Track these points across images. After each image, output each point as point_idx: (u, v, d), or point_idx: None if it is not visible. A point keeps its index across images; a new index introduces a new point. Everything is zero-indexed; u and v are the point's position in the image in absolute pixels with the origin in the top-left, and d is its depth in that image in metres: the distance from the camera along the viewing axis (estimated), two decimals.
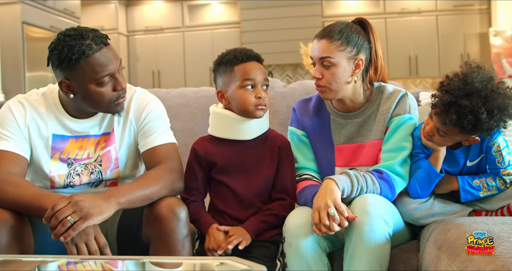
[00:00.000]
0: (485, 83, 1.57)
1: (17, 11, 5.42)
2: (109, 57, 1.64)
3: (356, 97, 1.83)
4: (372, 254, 1.53)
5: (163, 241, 1.58)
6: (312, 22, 7.54)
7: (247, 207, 1.80)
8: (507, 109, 1.56)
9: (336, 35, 1.74)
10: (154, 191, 1.62)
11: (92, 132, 1.78)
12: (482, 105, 1.54)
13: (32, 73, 5.56)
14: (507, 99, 1.57)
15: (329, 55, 1.74)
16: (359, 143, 1.84)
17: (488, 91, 1.55)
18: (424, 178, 1.72)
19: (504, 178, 1.70)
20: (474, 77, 1.57)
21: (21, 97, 1.77)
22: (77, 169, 1.76)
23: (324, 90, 1.79)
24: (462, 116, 1.56)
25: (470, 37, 7.43)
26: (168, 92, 2.65)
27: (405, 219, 1.76)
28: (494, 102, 1.54)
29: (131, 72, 8.30)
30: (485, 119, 1.54)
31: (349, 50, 1.75)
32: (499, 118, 1.56)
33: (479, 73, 1.59)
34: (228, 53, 1.83)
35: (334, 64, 1.74)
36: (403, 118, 1.77)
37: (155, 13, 8.28)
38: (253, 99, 1.76)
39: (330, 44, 1.74)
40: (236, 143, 1.83)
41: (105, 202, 1.50)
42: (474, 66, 1.63)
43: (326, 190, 1.63)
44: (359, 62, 1.77)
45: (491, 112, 1.54)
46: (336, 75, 1.75)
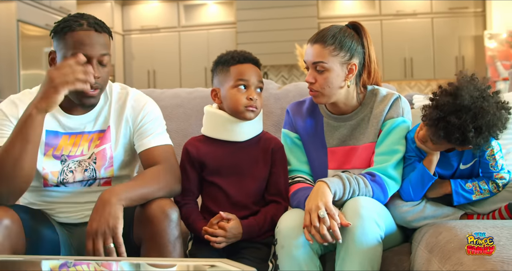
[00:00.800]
0: (475, 99, 1.56)
1: (13, 9, 5.41)
2: (93, 40, 1.64)
3: (349, 100, 1.84)
4: (364, 256, 1.54)
5: (154, 242, 1.58)
6: (308, 23, 7.56)
7: (239, 208, 1.80)
8: (496, 126, 1.57)
9: (329, 40, 1.75)
10: (152, 190, 1.63)
11: (86, 129, 1.77)
12: (470, 123, 1.54)
13: (27, 71, 5.55)
14: (497, 115, 1.57)
15: (322, 60, 1.74)
16: (352, 146, 1.84)
17: (477, 109, 1.55)
18: (418, 181, 1.72)
19: (497, 181, 1.71)
20: (465, 92, 1.57)
21: (13, 97, 1.77)
22: (70, 165, 1.75)
23: (317, 95, 1.79)
24: (449, 132, 1.57)
25: (465, 40, 7.47)
26: (163, 92, 2.64)
27: (397, 221, 1.76)
28: (483, 120, 1.54)
29: (127, 71, 8.30)
30: (472, 137, 1.55)
31: (342, 55, 1.75)
32: (486, 136, 1.57)
33: (472, 86, 1.59)
34: (227, 54, 1.84)
35: (327, 69, 1.75)
36: (396, 121, 1.78)
37: (151, 12, 8.28)
38: (244, 100, 1.77)
39: (323, 49, 1.75)
40: (229, 144, 1.83)
41: (109, 206, 1.51)
42: (468, 78, 1.62)
43: (318, 192, 1.63)
44: (352, 67, 1.77)
45: (478, 129, 1.55)
46: (329, 80, 1.75)
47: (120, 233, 1.50)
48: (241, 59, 1.80)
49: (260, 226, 1.75)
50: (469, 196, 1.71)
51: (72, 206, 1.79)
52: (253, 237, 1.74)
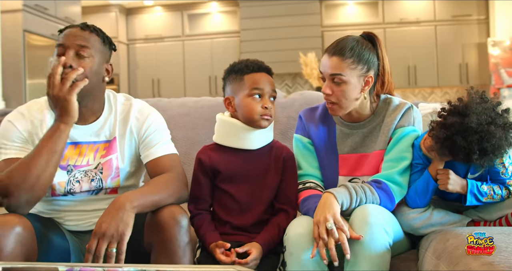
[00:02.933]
0: (483, 121, 1.57)
1: (19, 19, 5.46)
2: (73, 33, 1.73)
3: (363, 109, 1.85)
4: (372, 263, 1.54)
5: (164, 248, 1.59)
6: (312, 32, 7.59)
7: (250, 216, 1.81)
8: (502, 148, 1.57)
9: (348, 53, 1.75)
10: (162, 197, 1.66)
11: (91, 139, 1.79)
12: (476, 145, 1.55)
13: (32, 81, 5.58)
14: (504, 136, 1.57)
15: (340, 72, 1.75)
16: (363, 153, 1.86)
17: (483, 132, 1.56)
18: (423, 187, 1.73)
19: (510, 188, 1.71)
20: (473, 113, 1.58)
21: (20, 108, 1.80)
22: (76, 175, 1.77)
23: (334, 108, 1.80)
24: (454, 151, 1.59)
25: (468, 47, 7.47)
26: (170, 102, 2.66)
27: (404, 229, 1.77)
28: (488, 143, 1.56)
29: (131, 80, 8.34)
30: (476, 159, 1.57)
31: (360, 68, 1.76)
32: (491, 158, 1.58)
33: (481, 107, 1.59)
34: (240, 62, 1.86)
35: (345, 82, 1.75)
36: (406, 130, 1.80)
37: (155, 22, 8.32)
38: (259, 108, 1.78)
39: (342, 62, 1.75)
40: (241, 152, 1.85)
41: (123, 212, 1.54)
42: (478, 97, 1.62)
43: (325, 204, 1.64)
44: (369, 79, 1.79)
45: (483, 151, 1.56)
46: (346, 93, 1.76)
47: (126, 240, 1.52)
48: (255, 68, 1.82)
49: (275, 239, 1.76)
50: (481, 198, 1.69)
51: (80, 214, 1.81)
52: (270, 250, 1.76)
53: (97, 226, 1.53)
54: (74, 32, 1.73)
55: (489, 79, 7.00)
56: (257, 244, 1.72)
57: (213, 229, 1.80)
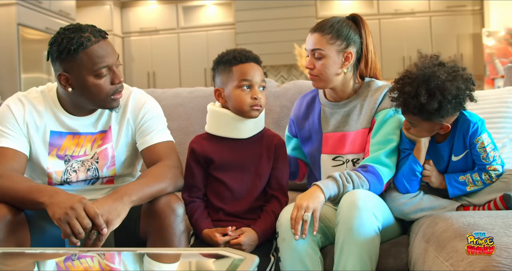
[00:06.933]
0: (426, 67, 1.65)
1: (13, 13, 5.43)
2: (107, 49, 1.67)
3: (346, 87, 1.92)
4: (362, 247, 1.57)
5: (160, 236, 1.61)
6: (306, 24, 7.54)
7: (242, 203, 1.83)
8: (449, 90, 1.61)
9: (327, 29, 1.84)
10: (160, 188, 1.66)
11: (89, 130, 1.81)
12: (423, 89, 1.61)
13: (27, 74, 5.57)
14: (451, 80, 1.62)
15: (319, 47, 1.84)
16: (346, 132, 1.90)
17: (427, 75, 1.63)
18: (409, 171, 1.76)
19: (490, 172, 1.74)
20: (416, 65, 1.68)
21: (20, 94, 1.79)
22: (73, 165, 1.79)
23: (315, 79, 1.88)
24: (407, 102, 1.65)
25: (463, 38, 7.48)
26: (164, 92, 2.68)
27: (395, 214, 1.79)
28: (433, 83, 1.61)
29: (126, 73, 8.32)
30: (425, 101, 1.61)
31: (339, 44, 1.84)
32: (441, 101, 1.61)
33: (428, 60, 1.69)
34: (228, 53, 1.86)
35: (324, 56, 1.84)
36: (390, 112, 1.83)
37: (150, 14, 8.30)
38: (249, 99, 1.80)
39: (321, 37, 1.84)
40: (233, 141, 1.86)
41: (119, 203, 1.54)
42: (422, 55, 1.73)
43: (312, 195, 1.67)
44: (349, 55, 1.85)
45: (432, 94, 1.61)
46: (326, 66, 1.84)
47: (111, 229, 1.51)
48: (242, 59, 1.82)
49: (272, 226, 1.78)
50: (463, 188, 1.76)
51: None
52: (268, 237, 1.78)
53: (89, 206, 1.51)
54: (108, 47, 1.69)
55: (483, 70, 7.02)
56: (252, 230, 1.75)
57: (206, 216, 1.83)
